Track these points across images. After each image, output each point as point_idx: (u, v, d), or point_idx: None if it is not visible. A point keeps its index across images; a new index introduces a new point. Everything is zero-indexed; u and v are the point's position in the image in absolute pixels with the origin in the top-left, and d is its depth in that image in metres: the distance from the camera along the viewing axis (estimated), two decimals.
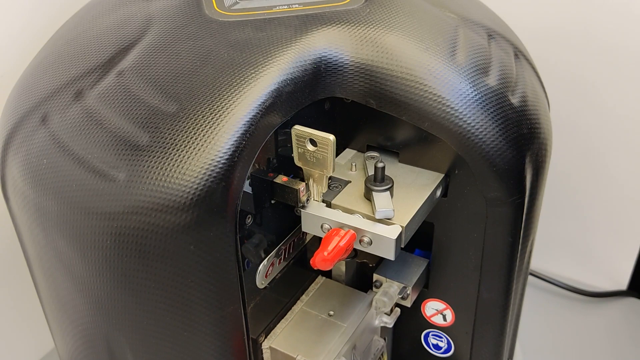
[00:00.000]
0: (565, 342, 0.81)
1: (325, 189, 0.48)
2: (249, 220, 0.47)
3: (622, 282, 0.88)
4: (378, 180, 0.47)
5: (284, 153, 0.49)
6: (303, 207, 0.47)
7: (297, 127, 0.45)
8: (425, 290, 0.58)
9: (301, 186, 0.46)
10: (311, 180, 0.47)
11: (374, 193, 0.47)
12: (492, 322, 0.55)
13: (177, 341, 0.45)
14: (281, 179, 0.47)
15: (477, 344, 0.57)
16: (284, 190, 0.47)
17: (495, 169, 0.46)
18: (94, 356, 0.51)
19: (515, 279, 0.53)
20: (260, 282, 0.50)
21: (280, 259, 0.52)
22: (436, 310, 0.59)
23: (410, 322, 0.61)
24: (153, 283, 0.42)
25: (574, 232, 0.88)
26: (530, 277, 0.83)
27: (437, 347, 0.61)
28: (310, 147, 0.45)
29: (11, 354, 0.76)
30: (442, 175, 0.51)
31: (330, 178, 0.49)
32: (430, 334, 0.60)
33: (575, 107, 0.79)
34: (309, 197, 0.47)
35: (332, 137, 0.43)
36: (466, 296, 0.55)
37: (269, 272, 0.51)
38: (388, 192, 0.47)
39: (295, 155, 0.46)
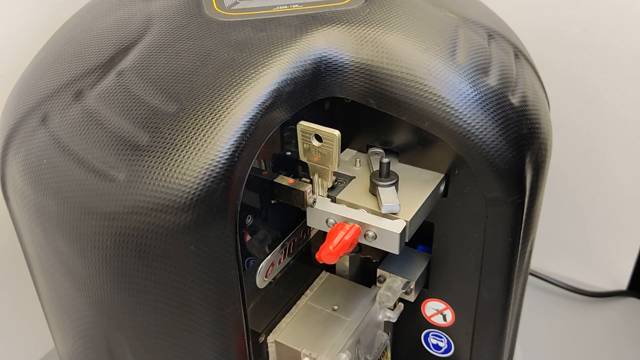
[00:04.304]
0: (565, 342, 0.81)
1: (330, 184, 0.48)
2: (249, 220, 0.47)
3: (622, 282, 0.88)
4: (383, 175, 0.48)
5: (285, 153, 0.49)
6: (311, 207, 0.48)
7: (302, 122, 0.45)
8: (425, 290, 0.58)
9: (307, 188, 0.47)
10: (316, 176, 0.47)
11: (379, 188, 0.48)
12: (492, 322, 0.55)
13: (177, 341, 0.45)
14: (287, 180, 0.47)
15: (477, 344, 0.57)
16: (290, 192, 0.47)
17: (495, 169, 0.46)
18: (94, 356, 0.51)
19: (515, 279, 0.53)
20: (261, 282, 0.50)
21: (281, 259, 0.52)
22: (436, 310, 0.59)
23: (410, 322, 0.61)
24: (153, 283, 0.42)
25: (574, 232, 0.88)
26: (530, 277, 0.83)
27: (437, 347, 0.61)
28: (315, 142, 0.45)
29: (11, 354, 0.76)
30: (442, 175, 0.51)
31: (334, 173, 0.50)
32: (430, 334, 0.60)
33: (575, 107, 0.79)
34: (315, 199, 0.48)
35: (337, 132, 0.44)
36: (466, 296, 0.55)
37: (269, 272, 0.51)
38: (393, 187, 0.48)
39: (300, 150, 0.46)
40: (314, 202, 0.48)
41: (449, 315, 0.58)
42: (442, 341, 0.60)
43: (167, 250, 0.41)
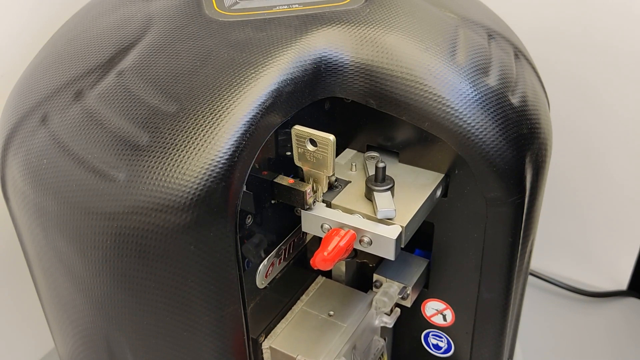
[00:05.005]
0: (565, 342, 0.81)
1: (325, 189, 0.48)
2: (249, 220, 0.47)
3: (622, 282, 0.88)
4: (379, 180, 0.47)
5: (284, 153, 0.49)
6: (309, 208, 0.47)
7: (297, 127, 0.45)
8: (425, 290, 0.58)
9: (307, 188, 0.46)
10: (311, 180, 0.47)
11: (375, 193, 0.47)
12: (492, 322, 0.55)
13: (177, 341, 0.45)
14: (287, 180, 0.47)
15: (477, 344, 0.57)
16: (290, 192, 0.47)
17: (495, 169, 0.46)
18: (94, 356, 0.51)
19: (515, 279, 0.53)
20: (260, 282, 0.50)
21: (280, 259, 0.52)
22: (436, 310, 0.59)
23: (410, 322, 0.61)
24: (153, 283, 0.42)
25: (574, 232, 0.88)
26: (530, 277, 0.83)
27: (437, 347, 0.61)
28: (310, 147, 0.45)
29: (11, 354, 0.76)
30: (442, 175, 0.51)
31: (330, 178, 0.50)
32: (430, 334, 0.60)
33: (575, 107, 0.79)
34: (315, 199, 0.47)
35: (332, 137, 0.43)
36: (466, 296, 0.55)
37: (269, 272, 0.51)
38: (389, 192, 0.47)
39: (295, 155, 0.46)
40: (314, 202, 0.47)
41: (449, 315, 0.58)
42: (442, 341, 0.60)
43: (167, 250, 0.41)
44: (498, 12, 0.59)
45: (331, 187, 0.49)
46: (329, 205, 0.48)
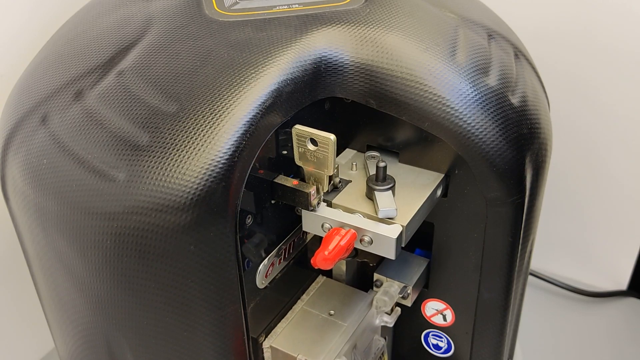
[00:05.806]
0: (565, 342, 0.81)
1: (326, 189, 0.48)
2: (249, 220, 0.47)
3: (622, 282, 0.88)
4: (380, 179, 0.48)
5: (284, 153, 0.49)
6: (314, 210, 0.47)
7: (297, 126, 0.45)
8: (425, 290, 0.58)
9: (312, 189, 0.46)
10: (312, 180, 0.47)
11: (376, 192, 0.47)
12: (492, 322, 0.55)
13: (177, 341, 0.45)
14: (291, 181, 0.47)
15: (477, 344, 0.57)
16: (294, 194, 0.46)
17: (495, 169, 0.46)
18: (94, 356, 0.51)
19: (515, 279, 0.53)
20: (261, 282, 0.50)
21: (281, 259, 0.52)
22: (436, 310, 0.59)
23: (410, 322, 0.61)
24: (153, 283, 0.42)
25: (574, 232, 0.88)
26: (530, 277, 0.83)
27: (437, 347, 0.61)
28: (310, 146, 0.45)
29: (11, 354, 0.76)
30: (442, 175, 0.51)
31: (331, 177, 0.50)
32: (430, 334, 0.60)
33: (575, 107, 0.79)
34: (319, 200, 0.47)
35: (332, 136, 0.43)
36: (466, 296, 0.55)
37: (269, 272, 0.51)
38: (390, 192, 0.47)
39: (295, 154, 0.46)
40: (318, 203, 0.47)
41: (449, 315, 0.58)
42: (442, 341, 0.60)
43: (167, 250, 0.41)
44: (498, 12, 0.59)
45: (335, 187, 0.49)
46: (329, 204, 0.48)
